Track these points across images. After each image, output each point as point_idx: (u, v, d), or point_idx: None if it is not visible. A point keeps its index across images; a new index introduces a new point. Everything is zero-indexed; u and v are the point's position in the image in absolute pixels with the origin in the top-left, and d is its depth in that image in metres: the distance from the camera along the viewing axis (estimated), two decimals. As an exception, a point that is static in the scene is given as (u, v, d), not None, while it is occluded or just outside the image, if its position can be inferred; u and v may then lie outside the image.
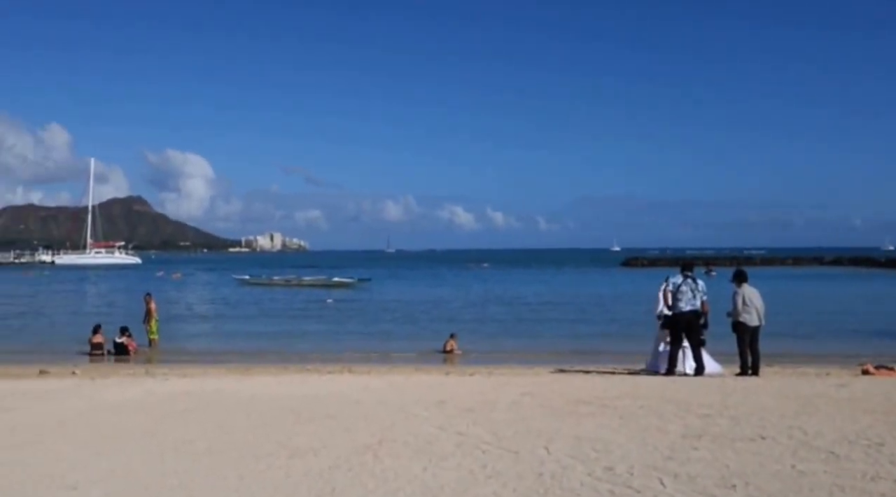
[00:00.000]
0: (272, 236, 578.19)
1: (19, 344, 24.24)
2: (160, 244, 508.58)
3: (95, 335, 20.44)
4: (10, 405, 10.24)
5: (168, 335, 23.57)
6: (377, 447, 7.33)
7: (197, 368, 16.60)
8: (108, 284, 72.27)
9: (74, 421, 9.04)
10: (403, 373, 14.70)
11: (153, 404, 10.25)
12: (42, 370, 15.30)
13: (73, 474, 6.49)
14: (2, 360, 19.17)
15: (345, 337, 25.78)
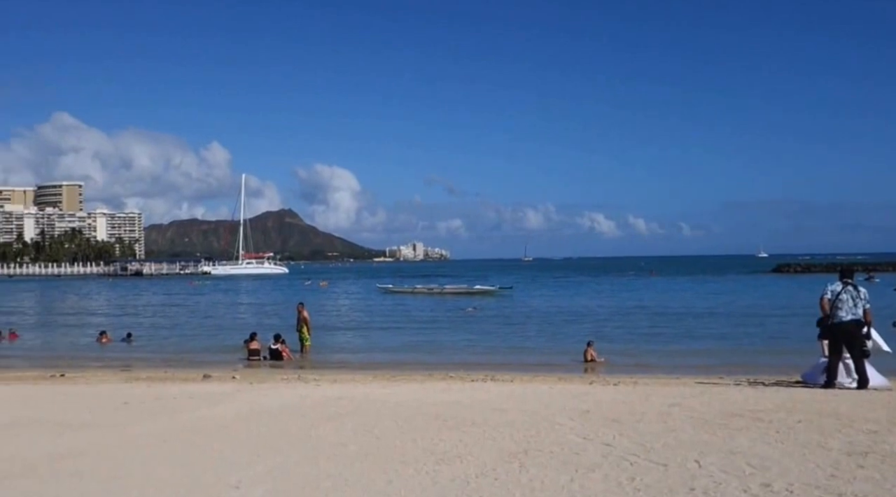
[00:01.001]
0: (415, 246, 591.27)
1: (184, 349, 26.07)
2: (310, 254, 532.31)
3: (252, 342, 21.64)
4: (179, 407, 11.01)
5: (317, 342, 24.56)
6: (523, 456, 7.32)
7: (345, 374, 17.18)
8: (260, 293, 76.42)
9: (236, 424, 9.59)
10: (546, 381, 14.58)
11: (307, 409, 10.71)
12: (206, 374, 16.33)
13: (236, 474, 6.89)
14: (170, 363, 20.70)
15: (487, 345, 25.94)
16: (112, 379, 15.75)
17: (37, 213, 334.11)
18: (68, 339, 31.27)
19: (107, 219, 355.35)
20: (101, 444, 8.43)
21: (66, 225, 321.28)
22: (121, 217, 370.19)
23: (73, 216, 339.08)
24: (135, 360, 22.12)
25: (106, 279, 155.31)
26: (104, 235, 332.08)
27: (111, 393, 12.78)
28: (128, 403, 11.27)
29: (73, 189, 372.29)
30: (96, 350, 26.39)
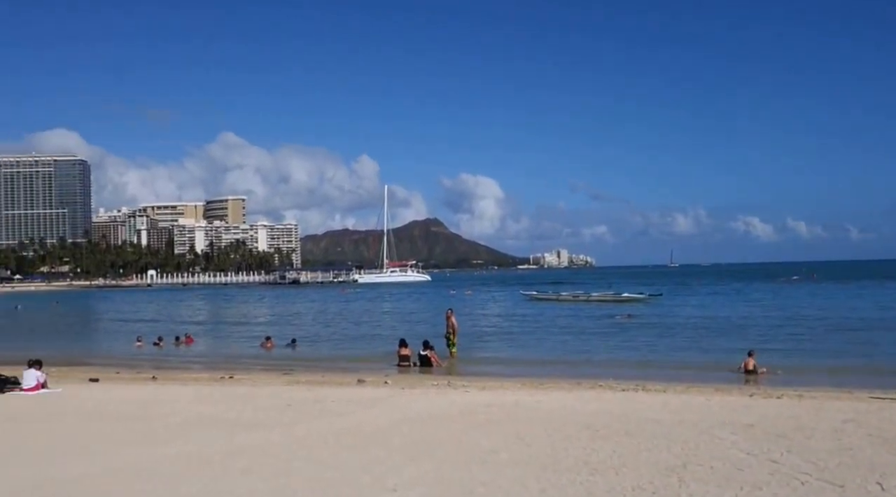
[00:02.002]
0: (559, 253, 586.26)
1: (339, 354, 27.09)
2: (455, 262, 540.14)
3: (403, 348, 22.16)
4: (337, 410, 11.46)
5: (463, 349, 24.78)
6: (681, 470, 7.04)
7: (493, 381, 17.23)
8: (405, 301, 78.19)
9: (391, 427, 9.85)
10: (702, 392, 13.98)
11: (457, 415, 10.83)
12: (360, 379, 16.89)
13: (392, 477, 7.06)
14: (326, 368, 21.58)
15: (636, 353, 25.22)
16: (275, 382, 16.62)
17: (206, 226, 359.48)
18: (236, 344, 33.31)
19: (267, 230, 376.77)
20: (269, 442, 8.91)
21: (232, 237, 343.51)
22: (279, 228, 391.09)
23: (238, 228, 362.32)
24: (294, 365, 23.20)
25: (267, 287, 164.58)
26: (264, 246, 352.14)
27: (275, 395, 13.48)
28: (291, 405, 11.84)
29: (238, 203, 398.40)
30: (261, 354, 27.96)
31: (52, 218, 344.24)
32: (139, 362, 24.98)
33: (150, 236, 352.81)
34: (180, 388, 15.10)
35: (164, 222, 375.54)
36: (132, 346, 31.50)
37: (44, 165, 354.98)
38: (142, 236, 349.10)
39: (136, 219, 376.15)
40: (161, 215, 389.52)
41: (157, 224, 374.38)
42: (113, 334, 41.61)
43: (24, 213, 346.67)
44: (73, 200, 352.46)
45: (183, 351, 29.99)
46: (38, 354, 16.47)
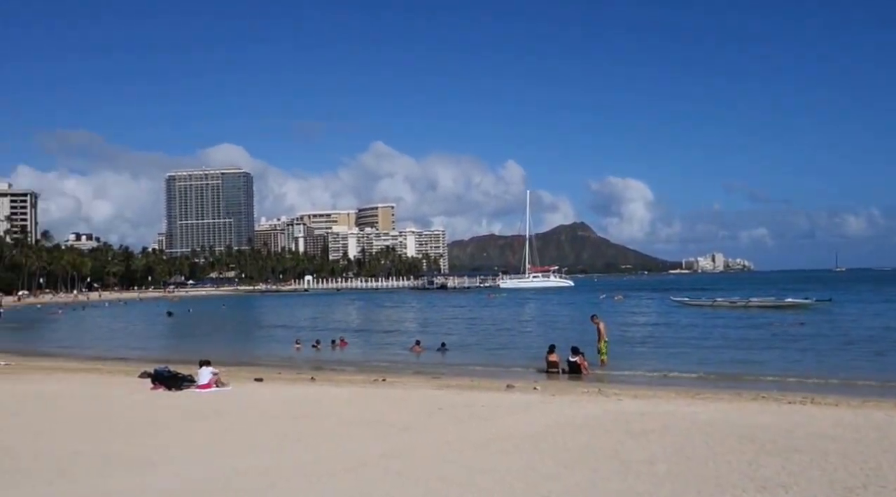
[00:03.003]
0: (713, 257, 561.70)
1: (487, 359, 27.22)
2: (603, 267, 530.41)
3: (551, 354, 21.96)
4: (488, 415, 11.49)
5: (613, 356, 24.19)
6: (861, 491, 6.51)
7: (646, 390, 16.71)
8: (551, 306, 77.47)
9: (542, 434, 9.76)
10: (881, 407, 12.88)
11: (611, 423, 10.57)
12: (509, 384, 16.87)
13: (547, 485, 6.98)
14: (474, 372, 21.73)
15: (802, 363, 23.65)
16: (425, 385, 16.91)
17: (358, 233, 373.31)
18: (387, 347, 34.26)
19: (415, 236, 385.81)
20: (422, 445, 9.07)
21: (382, 243, 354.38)
22: (427, 235, 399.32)
23: (388, 235, 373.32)
24: (443, 369, 23.55)
25: (415, 292, 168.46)
26: (413, 252, 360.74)
27: (426, 398, 13.72)
28: (442, 409, 12.00)
29: (387, 210, 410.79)
30: (411, 358, 28.60)
31: (220, 227, 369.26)
32: (298, 363, 26.22)
33: (307, 243, 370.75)
34: (337, 390, 15.68)
35: (320, 230, 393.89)
36: (292, 348, 33.12)
37: (213, 178, 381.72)
38: (299, 243, 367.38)
39: (294, 227, 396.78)
40: (316, 223, 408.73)
41: (312, 231, 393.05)
42: (274, 336, 43.95)
43: (196, 223, 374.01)
44: (239, 210, 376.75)
45: (338, 353, 31.18)
46: (208, 354, 17.70)
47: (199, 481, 7.53)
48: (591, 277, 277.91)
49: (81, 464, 8.28)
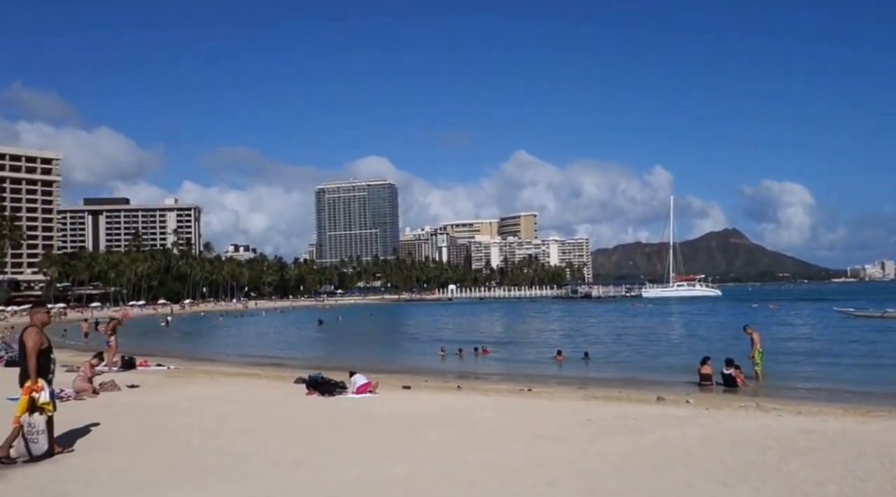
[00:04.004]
0: (883, 264, 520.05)
1: (635, 370, 26.48)
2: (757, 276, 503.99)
3: (704, 366, 21.04)
4: (639, 427, 11.13)
5: (770, 369, 22.88)
6: None
7: (810, 405, 15.63)
8: (699, 316, 74.31)
9: (698, 449, 9.33)
10: None
11: (772, 440, 9.96)
12: (659, 397, 16.31)
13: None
14: (623, 384, 21.17)
15: None
16: (571, 396, 16.64)
17: (500, 242, 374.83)
18: (530, 356, 34.09)
19: (558, 245, 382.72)
20: (572, 457, 8.91)
21: (525, 252, 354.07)
22: (570, 243, 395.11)
23: (530, 244, 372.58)
24: (589, 379, 23.13)
25: (558, 301, 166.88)
26: (556, 261, 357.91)
27: (573, 409, 13.49)
28: (590, 420, 11.76)
29: (529, 219, 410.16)
30: (554, 367, 28.31)
31: (367, 237, 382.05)
32: (444, 372, 26.57)
33: (450, 252, 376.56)
34: (483, 398, 15.73)
35: (463, 239, 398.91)
36: (436, 356, 33.65)
37: (359, 190, 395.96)
38: (442, 253, 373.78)
39: (438, 236, 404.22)
40: (459, 233, 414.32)
41: (455, 241, 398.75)
42: (418, 344, 44.84)
43: (344, 234, 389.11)
44: (384, 221, 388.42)
45: (481, 362, 31.36)
46: (356, 361, 18.31)
47: (351, 483, 7.75)
48: (744, 286, 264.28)
49: (243, 464, 8.73)
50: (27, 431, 8.77)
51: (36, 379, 8.83)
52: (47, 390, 8.91)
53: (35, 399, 8.77)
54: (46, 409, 8.87)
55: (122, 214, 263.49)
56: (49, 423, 8.98)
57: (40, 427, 8.83)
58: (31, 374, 8.82)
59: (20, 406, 8.78)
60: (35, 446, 8.80)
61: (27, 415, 8.75)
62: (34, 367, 8.84)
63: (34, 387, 8.80)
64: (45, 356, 9.03)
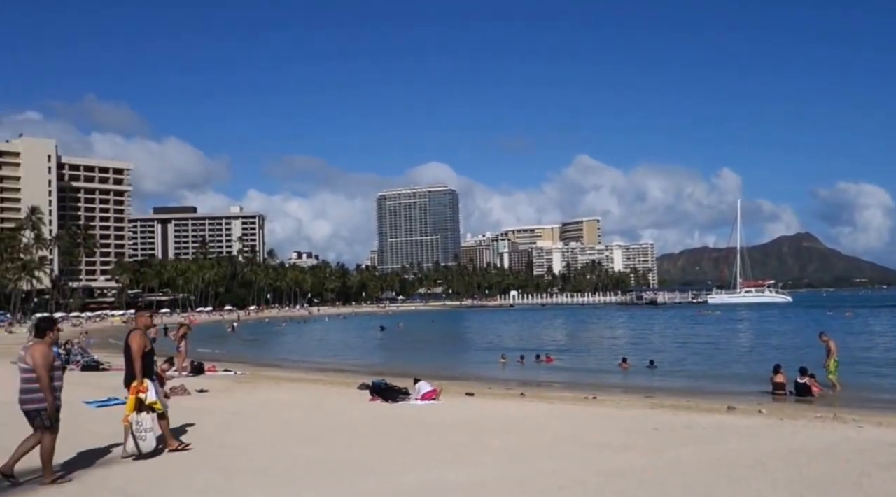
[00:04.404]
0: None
1: (703, 378, 25.83)
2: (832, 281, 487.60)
3: (777, 375, 20.37)
4: (709, 437, 10.79)
5: (848, 378, 22.00)
6: None
7: (892, 417, 14.95)
8: (769, 323, 72.16)
9: (772, 461, 8.99)
10: None
11: (852, 452, 9.53)
12: (729, 406, 15.82)
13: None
14: (691, 392, 20.65)
15: None
16: (638, 404, 16.30)
17: (562, 248, 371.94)
18: (594, 364, 33.63)
19: (622, 250, 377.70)
20: (640, 467, 8.68)
21: (587, 258, 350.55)
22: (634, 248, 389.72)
23: (593, 249, 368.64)
24: (655, 387, 22.64)
25: (622, 307, 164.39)
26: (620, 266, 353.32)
27: (640, 418, 13.19)
28: (658, 429, 11.47)
29: (592, 224, 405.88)
30: (619, 375, 27.84)
31: (428, 244, 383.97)
32: (505, 379, 26.38)
33: (512, 258, 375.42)
34: (547, 406, 15.54)
35: (524, 245, 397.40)
36: (497, 363, 33.47)
37: (420, 197, 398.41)
38: (504, 259, 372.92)
39: (499, 242, 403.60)
40: (521, 238, 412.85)
41: (517, 247, 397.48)
42: (480, 351, 44.71)
43: (405, 241, 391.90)
44: (445, 227, 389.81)
45: (544, 369, 31.06)
46: (418, 368, 18.30)
47: (415, 490, 7.71)
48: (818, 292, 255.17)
49: (309, 468, 8.78)
50: (135, 430, 9.15)
51: (142, 380, 9.26)
52: (153, 390, 9.33)
53: (142, 399, 9.21)
54: (155, 407, 9.32)
55: (190, 222, 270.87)
56: (161, 421, 9.47)
57: (147, 425, 9.22)
58: (136, 374, 9.28)
59: (128, 405, 9.22)
60: (143, 444, 9.19)
61: (135, 413, 9.16)
62: (140, 369, 9.29)
63: (140, 387, 9.23)
64: (149, 358, 9.50)
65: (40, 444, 8.14)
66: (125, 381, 9.49)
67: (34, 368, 8.04)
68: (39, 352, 8.11)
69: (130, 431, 9.14)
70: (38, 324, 8.61)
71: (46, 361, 8.08)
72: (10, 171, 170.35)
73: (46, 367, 8.07)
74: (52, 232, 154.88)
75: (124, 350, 9.58)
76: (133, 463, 9.03)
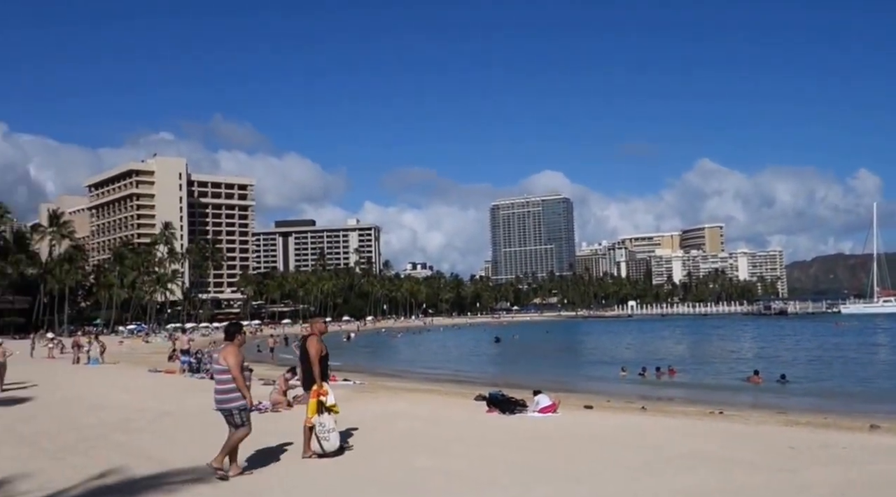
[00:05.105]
0: None
1: (840, 395, 24.26)
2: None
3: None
4: (850, 458, 10.00)
5: None
6: None
7: None
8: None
9: None
10: None
11: None
12: (872, 424, 14.76)
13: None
14: (824, 408, 19.43)
15: None
16: (769, 420, 15.44)
17: (683, 256, 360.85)
18: (720, 377, 32.24)
19: (747, 258, 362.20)
20: (773, 487, 8.16)
21: (710, 266, 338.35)
22: (761, 255, 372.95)
23: (716, 257, 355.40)
24: (788, 403, 21.42)
25: (749, 318, 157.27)
26: (745, 274, 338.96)
27: (773, 435, 12.48)
28: (793, 448, 10.78)
29: (715, 231, 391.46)
30: (748, 390, 26.56)
31: (542, 253, 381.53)
32: (626, 391, 25.69)
33: (629, 267, 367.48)
34: (670, 421, 14.96)
35: (642, 253, 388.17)
36: (617, 375, 32.65)
37: (533, 206, 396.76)
38: (621, 268, 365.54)
39: (616, 251, 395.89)
40: (639, 247, 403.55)
41: (635, 255, 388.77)
42: (598, 363, 43.81)
43: (519, 250, 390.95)
44: (559, 236, 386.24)
45: (666, 382, 30.05)
46: (535, 380, 18.05)
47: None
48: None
49: (430, 479, 8.75)
50: (319, 431, 9.64)
51: (321, 383, 9.72)
52: (332, 393, 9.80)
53: (323, 402, 9.66)
54: (333, 410, 9.76)
55: (309, 235, 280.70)
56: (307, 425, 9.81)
57: (329, 426, 9.70)
58: (316, 378, 9.72)
59: (310, 408, 9.67)
60: (327, 444, 9.69)
61: (317, 416, 9.63)
62: (319, 372, 9.74)
63: (321, 391, 9.68)
64: (325, 362, 9.94)
65: (229, 439, 8.73)
66: (303, 385, 10.03)
67: (229, 369, 8.60)
68: (231, 353, 8.68)
69: (314, 432, 9.61)
70: (227, 328, 9.18)
71: (238, 362, 8.65)
72: (146, 189, 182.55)
73: (240, 367, 8.66)
74: (182, 246, 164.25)
75: (300, 355, 10.06)
76: (259, 471, 9.25)
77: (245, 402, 8.61)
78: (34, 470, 9.46)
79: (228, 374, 8.57)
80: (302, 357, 9.97)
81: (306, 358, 9.81)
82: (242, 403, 8.60)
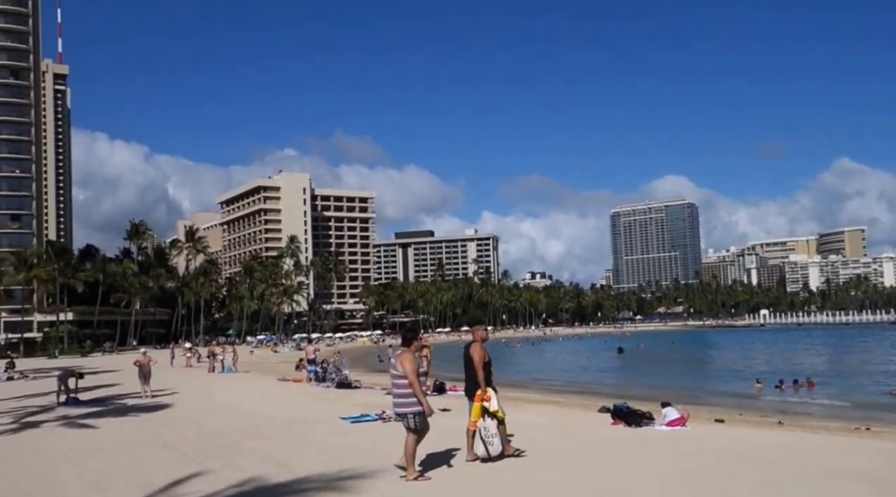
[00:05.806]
0: None
1: None
2: None
3: None
4: None
5: None
6: None
7: None
8: None
9: None
10: None
11: None
12: None
13: None
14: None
15: None
16: (925, 438, 14.25)
17: (820, 262, 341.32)
18: (864, 391, 30.20)
19: (894, 263, 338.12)
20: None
21: (851, 272, 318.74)
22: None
23: (857, 262, 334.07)
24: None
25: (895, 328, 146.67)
26: (892, 281, 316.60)
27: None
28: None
29: (856, 234, 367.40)
30: (893, 403, 24.73)
31: (665, 261, 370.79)
32: (760, 405, 24.49)
33: (760, 274, 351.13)
34: (810, 436, 14.08)
35: (774, 259, 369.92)
36: (751, 388, 31.16)
37: (656, 212, 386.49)
38: (751, 275, 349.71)
39: (745, 257, 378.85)
40: (770, 252, 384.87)
41: (766, 262, 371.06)
42: (729, 375, 41.97)
43: (641, 258, 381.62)
44: (683, 243, 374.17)
45: (804, 395, 28.40)
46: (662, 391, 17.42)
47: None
48: None
49: (556, 494, 8.56)
50: (484, 435, 9.90)
51: (485, 389, 9.97)
52: (495, 398, 10.01)
53: (486, 407, 9.92)
54: (497, 415, 10.00)
55: (428, 246, 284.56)
56: (500, 427, 10.09)
57: (493, 430, 9.93)
58: (480, 383, 9.99)
59: (474, 412, 9.94)
60: (492, 448, 9.95)
61: (482, 420, 9.89)
62: (483, 378, 10.01)
63: (484, 396, 9.93)
64: (488, 368, 10.19)
65: (406, 446, 9.03)
66: (466, 391, 10.30)
67: (405, 375, 8.85)
68: (408, 359, 8.92)
69: (480, 436, 9.87)
70: (403, 334, 9.55)
71: (415, 368, 8.87)
72: (273, 204, 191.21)
73: (416, 372, 8.86)
74: (307, 259, 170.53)
75: (465, 362, 10.31)
76: (401, 482, 9.35)
77: (421, 408, 8.81)
78: (178, 475, 9.97)
79: (405, 379, 8.78)
80: (466, 364, 10.19)
81: (470, 364, 10.06)
82: (418, 409, 8.81)
